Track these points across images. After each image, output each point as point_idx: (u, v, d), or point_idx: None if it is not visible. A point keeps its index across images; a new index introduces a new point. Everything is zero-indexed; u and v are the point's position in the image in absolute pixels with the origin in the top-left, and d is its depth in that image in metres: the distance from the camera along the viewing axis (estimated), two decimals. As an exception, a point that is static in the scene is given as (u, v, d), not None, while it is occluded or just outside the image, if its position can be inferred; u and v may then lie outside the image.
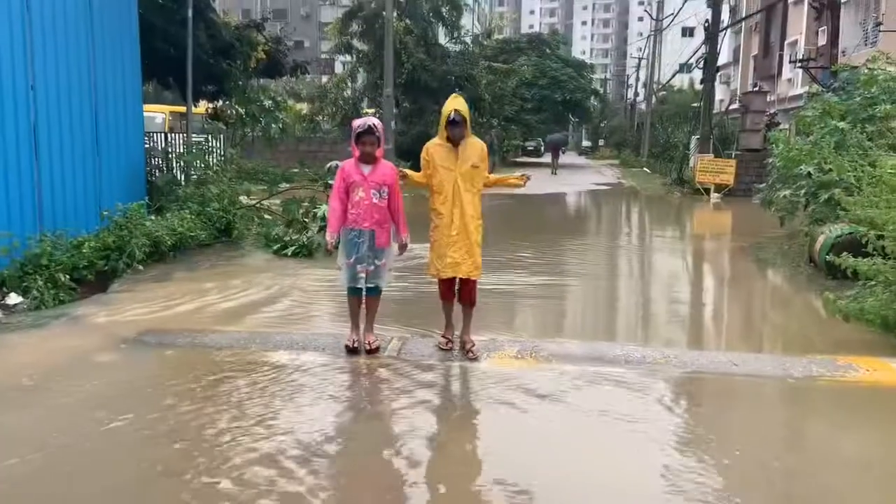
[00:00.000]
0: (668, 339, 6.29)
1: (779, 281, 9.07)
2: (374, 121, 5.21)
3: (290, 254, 9.17)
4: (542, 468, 3.56)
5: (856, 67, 10.91)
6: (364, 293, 5.29)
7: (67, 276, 7.13)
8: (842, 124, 9.25)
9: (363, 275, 5.16)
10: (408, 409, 4.30)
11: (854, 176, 7.18)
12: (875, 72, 9.82)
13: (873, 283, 5.92)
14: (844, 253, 6.04)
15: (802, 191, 9.58)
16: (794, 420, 4.45)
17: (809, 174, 8.96)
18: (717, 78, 35.33)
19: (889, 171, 5.48)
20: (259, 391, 4.49)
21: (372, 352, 5.26)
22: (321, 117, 26.06)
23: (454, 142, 5.09)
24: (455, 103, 5.07)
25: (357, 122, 5.22)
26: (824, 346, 5.71)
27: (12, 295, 6.84)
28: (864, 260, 5.80)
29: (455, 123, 5.01)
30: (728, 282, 9.49)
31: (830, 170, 8.22)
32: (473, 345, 5.23)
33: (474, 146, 5.14)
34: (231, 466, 3.48)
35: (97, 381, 4.70)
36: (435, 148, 5.18)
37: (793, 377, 4.87)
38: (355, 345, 5.22)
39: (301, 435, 3.85)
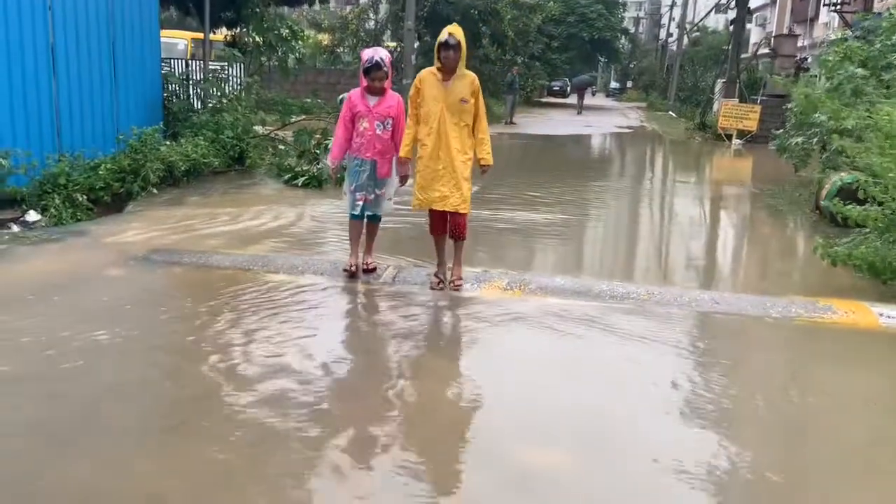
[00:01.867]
0: (660, 278, 6.44)
1: (783, 227, 9.11)
2: (383, 54, 5.25)
3: (300, 184, 9.37)
4: (512, 385, 3.82)
5: (880, 14, 10.57)
6: (364, 220, 5.48)
7: (84, 197, 7.42)
8: (860, 70, 9.06)
9: (361, 202, 5.35)
10: (397, 330, 4.55)
11: (855, 124, 7.11)
12: (898, 17, 9.55)
13: (868, 230, 5.98)
14: (836, 199, 6.08)
15: (815, 138, 9.48)
16: (765, 356, 4.61)
17: (822, 121, 8.85)
18: (753, 20, 34.17)
19: (885, 117, 5.47)
20: (256, 309, 4.76)
21: (369, 271, 5.52)
22: (342, 49, 25.77)
23: (446, 70, 5.02)
24: (451, 28, 5.04)
25: (365, 55, 5.27)
26: (814, 289, 5.81)
27: (31, 212, 7.15)
28: (857, 207, 5.85)
29: (448, 46, 4.91)
30: (733, 226, 9.54)
31: (844, 117, 8.13)
32: (460, 278, 5.35)
33: (465, 80, 5.06)
34: (226, 377, 3.76)
35: (102, 293, 5.01)
36: (426, 75, 5.11)
37: (771, 316, 5.03)
38: (353, 269, 5.45)
39: (294, 351, 4.11)
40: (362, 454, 3.11)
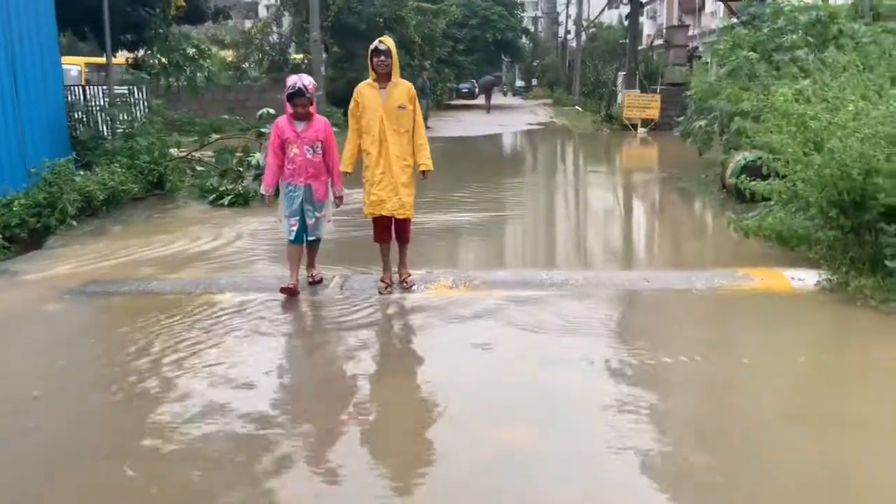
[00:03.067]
0: (591, 263, 6.78)
1: (695, 207, 9.70)
2: (306, 81, 5.29)
3: (226, 203, 9.23)
4: (472, 374, 4.00)
5: (763, 0, 11.42)
6: (304, 244, 5.53)
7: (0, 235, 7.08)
8: (752, 55, 9.77)
9: (295, 227, 5.38)
10: (351, 336, 4.63)
11: (752, 105, 7.70)
12: (781, 4, 10.34)
13: (772, 203, 6.49)
14: (741, 177, 6.59)
15: (716, 122, 10.14)
16: (697, 324, 4.99)
17: (721, 105, 9.48)
18: (644, 13, 35.82)
19: (780, 97, 5.97)
20: (207, 329, 4.73)
21: (315, 283, 5.59)
22: (247, 64, 25.35)
23: (381, 77, 5.19)
24: (382, 37, 5.29)
25: (289, 82, 5.31)
26: (730, 261, 6.28)
27: (-57, 256, 6.76)
28: (761, 182, 6.35)
29: (379, 52, 5.10)
30: (649, 210, 10.08)
31: (742, 100, 8.74)
32: (409, 276, 5.57)
33: (401, 87, 5.25)
34: (185, 398, 3.75)
35: (44, 329, 4.87)
36: (364, 88, 5.28)
37: (696, 289, 5.42)
38: (294, 286, 5.40)
39: (251, 366, 4.14)
40: (338, 447, 3.24)
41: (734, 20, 14.96)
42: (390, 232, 5.49)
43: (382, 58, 5.13)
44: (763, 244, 6.40)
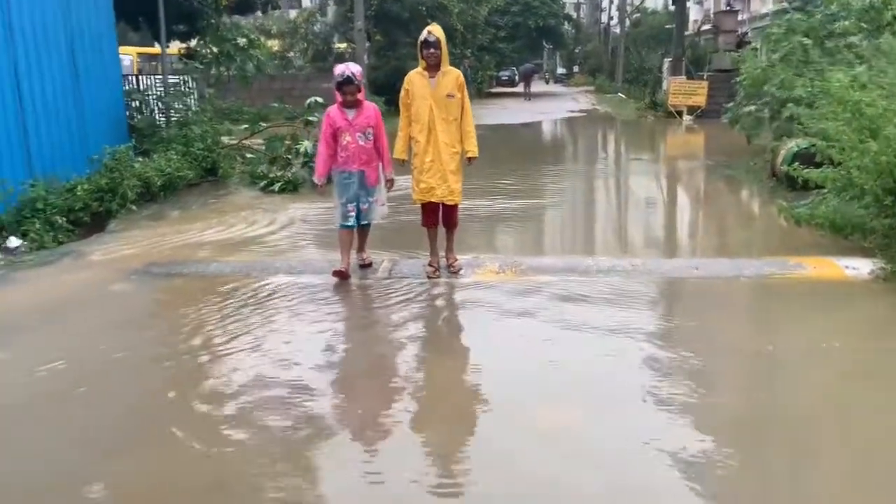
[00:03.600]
0: (637, 251, 6.78)
1: (743, 195, 9.58)
2: (354, 69, 5.37)
3: (276, 189, 9.47)
4: (522, 361, 4.07)
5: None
6: (356, 227, 5.64)
7: (63, 219, 7.41)
8: (805, 40, 9.57)
9: (353, 213, 5.52)
10: (401, 318, 4.77)
11: (806, 91, 7.57)
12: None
13: (826, 191, 6.40)
14: (796, 163, 6.50)
15: (766, 108, 9.97)
16: (749, 311, 4.99)
17: (772, 91, 9.32)
18: (690, -2, 35.05)
19: (836, 83, 5.88)
20: (264, 309, 4.93)
21: (365, 266, 5.73)
22: (292, 54, 25.71)
23: (430, 67, 5.27)
24: (430, 27, 5.33)
25: (337, 71, 5.42)
26: (780, 249, 6.23)
27: (12, 238, 7.11)
28: (815, 169, 6.27)
29: (428, 44, 5.19)
30: (696, 198, 9.99)
31: (795, 86, 8.59)
32: (456, 260, 5.67)
33: (450, 76, 5.33)
34: (243, 376, 3.94)
35: (116, 307, 5.15)
36: (414, 76, 5.38)
37: (747, 276, 5.40)
38: (346, 269, 5.55)
39: (306, 346, 4.32)
40: (383, 425, 3.39)
41: (786, 5, 14.61)
42: (437, 217, 5.61)
43: (432, 49, 5.22)
44: (814, 233, 6.33)
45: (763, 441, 3.19)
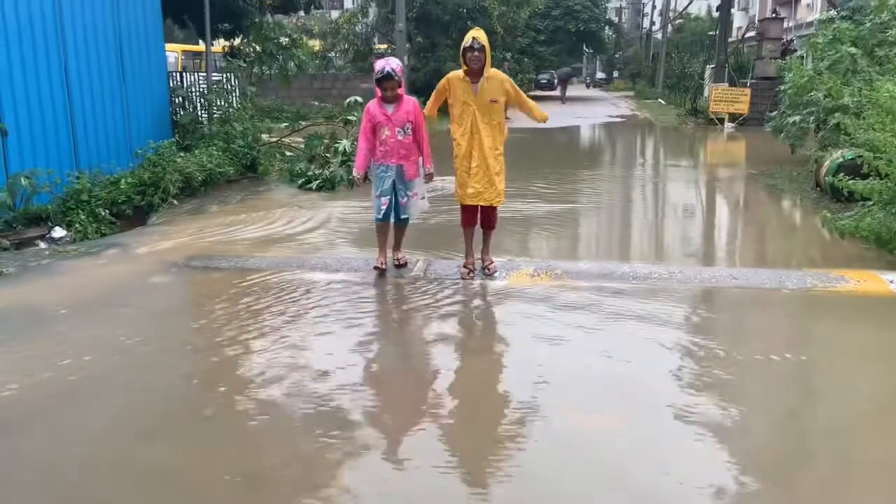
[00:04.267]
0: (675, 258, 6.69)
1: (785, 205, 9.38)
2: (394, 64, 5.37)
3: (314, 187, 9.58)
4: (555, 365, 4.03)
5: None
6: (393, 221, 5.68)
7: (107, 211, 7.61)
8: (853, 50, 9.34)
9: (385, 206, 5.53)
10: (432, 319, 4.78)
11: (854, 101, 7.38)
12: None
13: (872, 203, 6.24)
14: (842, 174, 6.34)
15: (812, 117, 9.76)
16: (783, 322, 4.88)
17: (818, 100, 9.11)
18: (735, 4, 34.51)
19: (885, 94, 5.72)
20: (299, 306, 4.99)
21: (400, 266, 5.76)
22: (333, 54, 25.98)
23: (473, 72, 5.25)
24: (474, 32, 5.28)
25: (377, 66, 5.43)
26: (823, 262, 6.10)
27: (57, 229, 7.32)
28: (861, 181, 6.11)
29: (472, 49, 5.15)
30: (736, 206, 9.81)
31: (843, 95, 8.40)
32: (492, 262, 5.67)
33: (494, 81, 5.30)
34: (276, 368, 3.99)
35: (156, 298, 5.27)
36: (456, 80, 5.34)
37: (788, 288, 5.28)
38: (383, 266, 5.66)
39: (338, 342, 4.36)
40: (414, 425, 3.40)
41: (833, 13, 14.27)
42: (476, 217, 5.63)
43: (476, 53, 5.18)
44: (859, 245, 6.18)
45: (797, 463, 3.12)
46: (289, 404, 3.54)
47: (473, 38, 5.20)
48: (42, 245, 6.92)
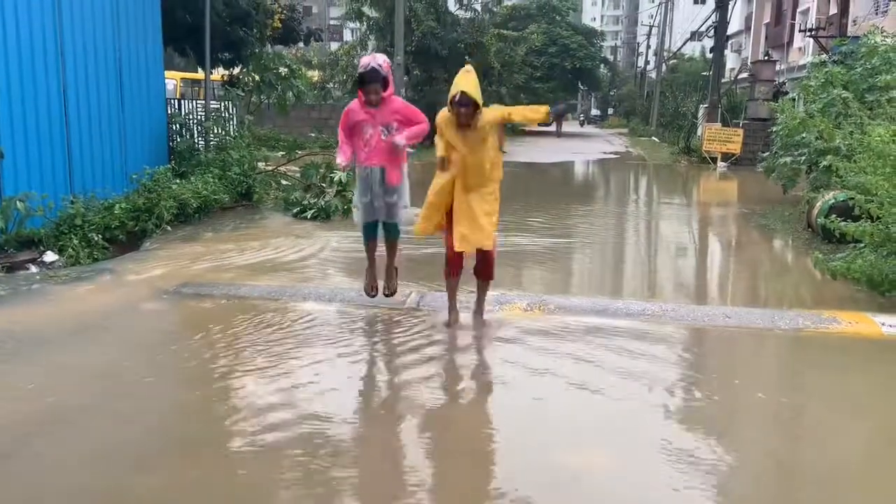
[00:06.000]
0: (668, 295, 6.69)
1: (777, 245, 9.44)
2: (381, 60, 4.97)
3: (308, 217, 9.59)
4: (544, 403, 4.01)
5: (857, 38, 11.11)
6: (381, 234, 5.33)
7: (100, 236, 7.57)
8: (844, 93, 9.51)
9: (376, 206, 5.15)
10: (424, 353, 4.72)
11: (846, 144, 7.49)
12: (876, 42, 10.04)
13: (863, 245, 6.29)
14: (833, 216, 6.39)
15: (803, 158, 9.88)
16: (775, 363, 4.88)
17: (810, 142, 9.24)
18: (728, 46, 35.16)
19: (877, 138, 5.81)
20: (290, 336, 4.94)
21: (390, 295, 5.53)
22: (332, 85, 26.24)
23: (461, 124, 4.73)
24: (463, 82, 4.65)
25: (363, 62, 5.01)
26: (814, 302, 6.11)
27: (49, 253, 7.27)
28: (853, 223, 6.16)
29: (461, 104, 4.61)
30: (728, 246, 9.87)
31: (835, 137, 8.52)
32: (486, 322, 5.20)
33: (481, 129, 4.75)
34: (267, 398, 3.95)
35: (146, 325, 5.23)
36: (446, 122, 4.84)
37: (780, 328, 5.28)
38: (373, 291, 5.50)
39: (329, 372, 4.32)
40: (410, 463, 3.34)
41: (825, 56, 14.57)
42: (462, 264, 5.10)
43: (463, 110, 4.63)
44: (850, 287, 6.20)
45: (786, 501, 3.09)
46: (280, 435, 3.48)
47: (461, 92, 4.59)
48: (33, 269, 6.87)
